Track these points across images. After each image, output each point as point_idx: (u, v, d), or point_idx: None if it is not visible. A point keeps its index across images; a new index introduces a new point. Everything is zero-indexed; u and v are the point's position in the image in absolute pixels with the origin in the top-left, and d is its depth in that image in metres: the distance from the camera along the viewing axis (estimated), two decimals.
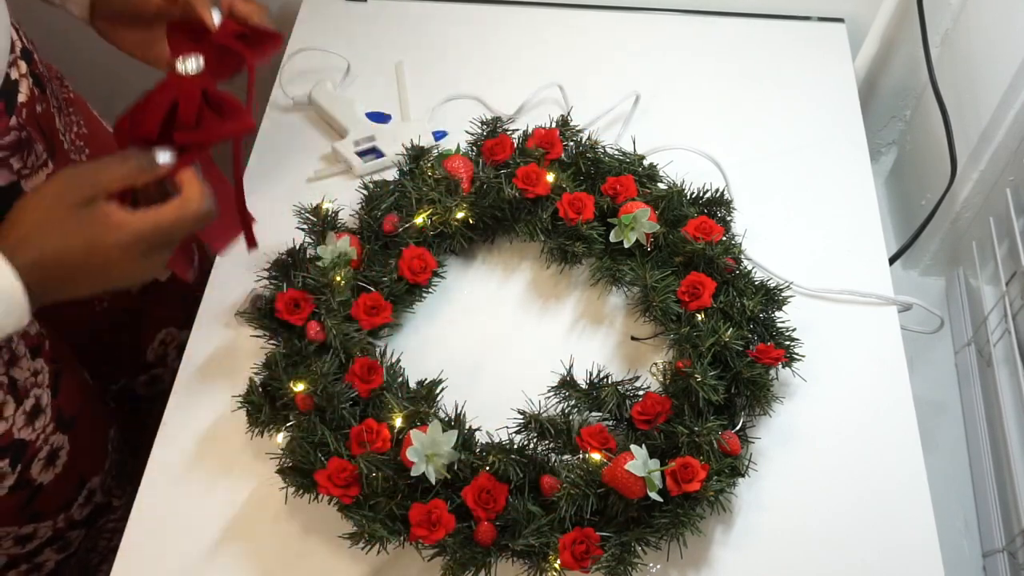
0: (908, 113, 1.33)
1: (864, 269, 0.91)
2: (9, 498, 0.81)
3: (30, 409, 0.80)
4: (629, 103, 1.02)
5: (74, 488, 0.90)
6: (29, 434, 0.80)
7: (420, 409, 0.75)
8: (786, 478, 0.78)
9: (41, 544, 0.90)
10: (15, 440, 0.79)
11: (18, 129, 0.71)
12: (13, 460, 0.80)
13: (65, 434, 0.85)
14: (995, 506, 1.00)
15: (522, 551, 0.70)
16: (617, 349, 0.86)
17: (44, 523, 0.88)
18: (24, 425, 0.80)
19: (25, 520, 0.85)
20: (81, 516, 0.92)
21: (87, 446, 0.90)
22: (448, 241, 0.88)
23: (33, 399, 0.81)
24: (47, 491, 0.85)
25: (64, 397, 0.85)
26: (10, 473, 0.80)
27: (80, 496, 0.91)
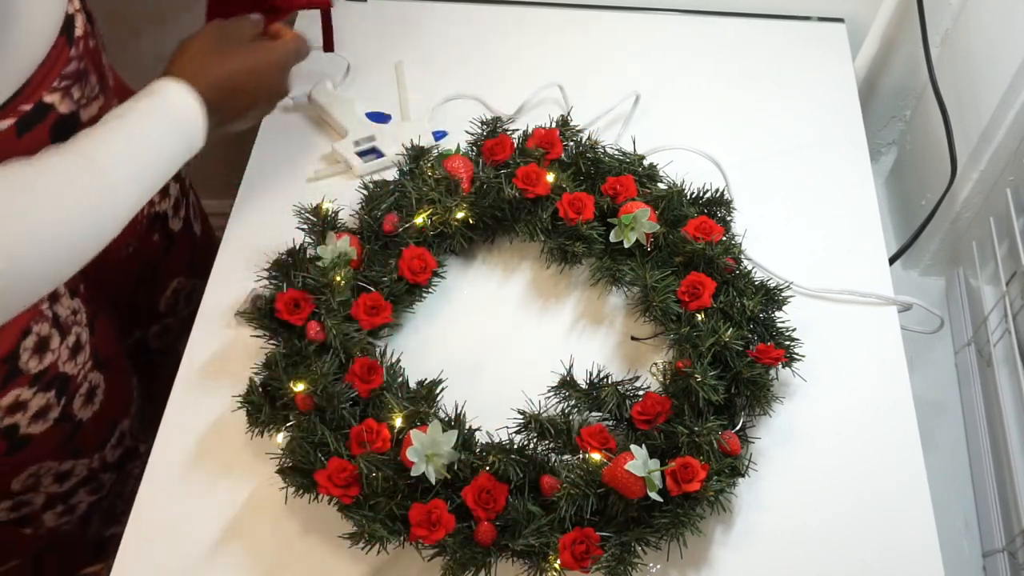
0: (908, 113, 1.33)
1: (864, 269, 0.91)
2: (53, 431, 0.85)
3: (72, 345, 0.84)
4: (629, 103, 1.02)
5: (108, 428, 0.94)
6: (72, 368, 0.85)
7: (420, 409, 0.75)
8: (786, 478, 0.78)
9: (77, 484, 0.94)
10: (60, 373, 0.83)
11: (77, 60, 0.75)
12: (58, 392, 0.84)
13: (101, 373, 0.90)
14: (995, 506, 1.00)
15: (522, 551, 0.70)
16: (617, 349, 0.86)
17: (81, 460, 0.92)
18: (67, 359, 0.84)
19: (66, 456, 0.90)
20: (113, 458, 0.96)
21: (119, 388, 0.95)
22: (448, 241, 0.88)
23: (75, 335, 0.85)
24: (86, 428, 0.90)
25: (99, 338, 0.90)
26: (55, 405, 0.84)
27: (113, 437, 0.96)
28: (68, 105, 0.75)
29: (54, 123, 0.73)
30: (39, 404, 0.82)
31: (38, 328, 0.80)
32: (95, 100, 0.79)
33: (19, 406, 0.80)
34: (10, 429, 0.81)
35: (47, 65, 0.71)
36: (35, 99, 0.71)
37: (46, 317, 0.81)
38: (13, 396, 0.79)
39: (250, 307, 0.84)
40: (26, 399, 0.81)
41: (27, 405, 0.81)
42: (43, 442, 0.85)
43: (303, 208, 0.87)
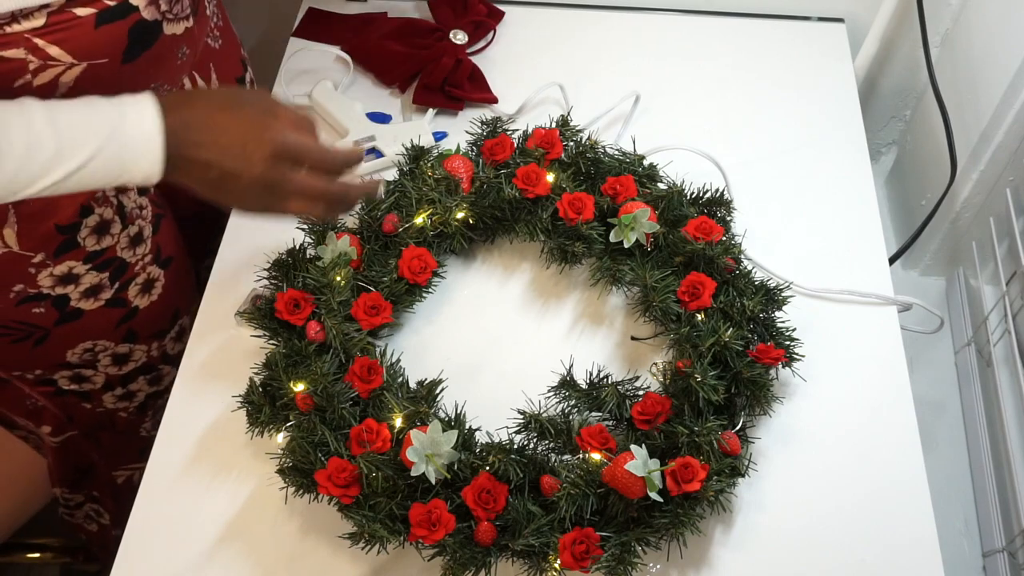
0: (908, 113, 1.33)
1: (864, 269, 0.91)
2: (106, 311, 0.89)
3: (133, 235, 0.88)
4: (629, 103, 1.02)
5: (168, 319, 0.98)
6: (130, 256, 0.89)
7: (420, 409, 0.75)
8: (786, 478, 0.78)
9: (135, 370, 0.99)
10: (117, 258, 0.87)
11: None
12: (112, 276, 0.88)
13: (162, 269, 0.94)
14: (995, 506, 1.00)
15: (522, 551, 0.70)
16: (617, 349, 0.86)
17: (139, 346, 0.97)
18: (127, 247, 0.88)
19: (121, 338, 0.94)
20: (173, 351, 0.99)
21: (179, 285, 0.97)
22: (448, 241, 0.88)
23: (137, 227, 0.88)
24: (142, 315, 0.93)
25: (163, 237, 0.93)
26: (108, 287, 0.88)
27: (172, 329, 0.99)
28: (152, 12, 0.75)
29: (134, 24, 0.73)
30: (91, 281, 0.86)
31: (101, 211, 0.83)
32: (183, 19, 0.79)
33: (71, 278, 0.84)
34: (61, 299, 0.85)
35: None
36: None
37: (111, 203, 0.84)
38: (67, 267, 0.83)
39: (250, 307, 0.84)
40: (79, 273, 0.84)
41: (79, 279, 0.85)
42: (95, 319, 0.89)
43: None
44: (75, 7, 0.69)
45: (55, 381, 0.95)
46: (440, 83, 1.02)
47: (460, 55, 1.03)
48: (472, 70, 1.04)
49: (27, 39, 0.68)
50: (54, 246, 0.81)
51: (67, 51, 0.70)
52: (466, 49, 1.06)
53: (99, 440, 1.08)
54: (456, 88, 1.02)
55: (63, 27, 0.69)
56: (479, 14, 1.08)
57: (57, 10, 0.68)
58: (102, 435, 1.07)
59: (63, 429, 1.06)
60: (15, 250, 0.79)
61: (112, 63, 0.73)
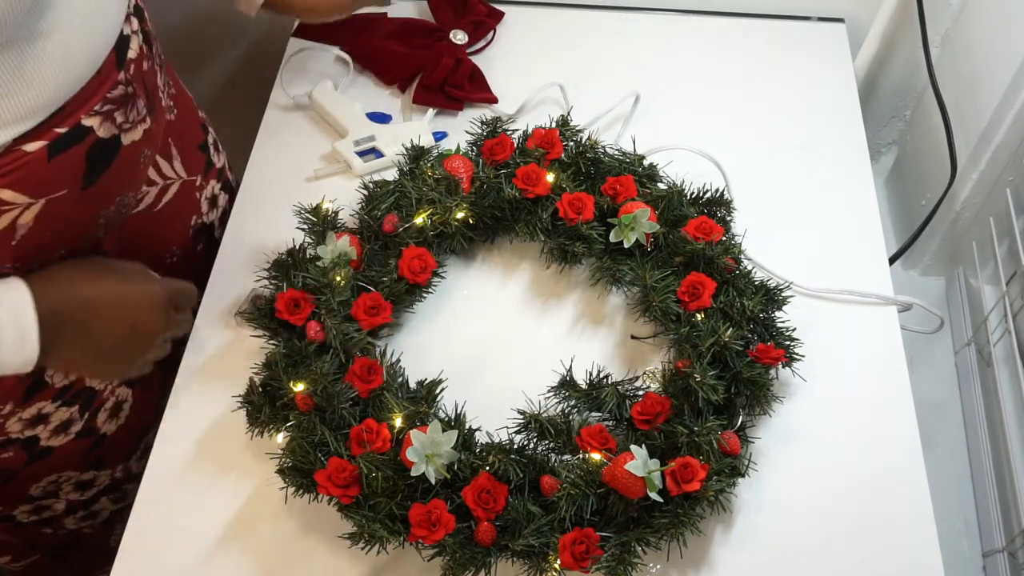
0: (908, 113, 1.33)
1: (864, 269, 0.91)
2: (74, 444, 0.85)
3: None
4: (629, 103, 1.02)
5: (134, 441, 0.94)
6: (99, 384, 0.85)
7: (420, 409, 0.75)
8: (786, 478, 0.78)
9: (99, 492, 0.94)
10: (85, 388, 0.83)
11: (125, 84, 0.72)
12: (83, 407, 0.84)
13: (130, 388, 0.90)
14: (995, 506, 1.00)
15: (522, 551, 0.70)
16: (617, 349, 0.86)
17: (104, 471, 0.92)
18: None
19: (87, 466, 0.90)
20: (138, 469, 0.96)
21: (147, 401, 0.94)
22: (448, 241, 0.88)
23: None
24: (110, 441, 0.89)
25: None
26: (78, 419, 0.84)
27: (138, 449, 0.95)
28: (109, 129, 0.71)
29: (91, 147, 0.69)
30: (61, 418, 0.81)
31: None
32: (140, 123, 0.76)
33: (41, 419, 0.80)
34: (30, 441, 0.81)
35: (89, 89, 0.68)
36: (72, 122, 0.67)
37: None
38: (36, 408, 0.79)
39: (250, 307, 0.84)
40: (48, 412, 0.80)
41: (49, 418, 0.80)
42: (64, 454, 0.85)
43: (303, 208, 0.87)
44: (23, 144, 0.64)
45: (12, 516, 0.90)
46: (440, 83, 1.02)
47: (460, 55, 1.03)
48: (472, 70, 1.04)
49: None
50: (22, 392, 0.77)
51: (22, 192, 0.65)
52: (466, 49, 1.06)
53: (64, 558, 1.03)
54: (456, 88, 1.02)
55: (13, 167, 0.63)
56: (479, 14, 1.08)
57: (3, 152, 0.63)
58: (68, 553, 1.01)
59: (24, 556, 1.00)
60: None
61: (72, 192, 0.69)
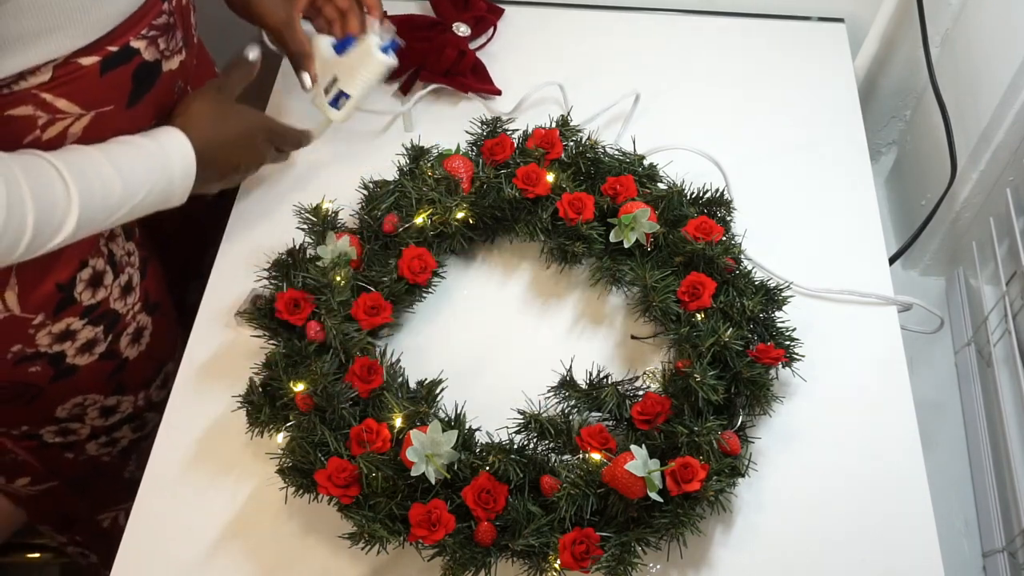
0: (908, 113, 1.33)
1: (864, 269, 0.91)
2: (99, 365, 0.90)
3: (124, 284, 0.89)
4: (629, 102, 1.02)
5: (153, 369, 0.99)
6: (122, 307, 0.90)
7: (420, 409, 0.75)
8: (786, 478, 0.78)
9: (121, 420, 0.99)
10: (111, 310, 0.88)
11: (168, 14, 0.78)
12: (106, 329, 0.89)
13: (150, 316, 0.95)
14: (995, 506, 1.00)
15: (522, 551, 0.70)
16: (617, 349, 0.86)
17: (127, 397, 0.97)
18: (119, 298, 0.89)
19: (111, 391, 0.95)
20: (158, 398, 1.00)
21: (165, 332, 0.99)
22: (448, 241, 0.88)
23: (127, 276, 0.90)
24: (131, 366, 0.94)
25: (150, 282, 0.94)
26: (102, 340, 0.89)
27: (158, 378, 1.00)
28: (153, 53, 0.77)
29: (137, 67, 0.76)
30: (87, 336, 0.87)
31: (94, 262, 0.84)
32: (177, 54, 0.82)
33: (68, 335, 0.85)
34: (57, 357, 0.85)
35: (139, 14, 0.74)
36: (122, 42, 0.73)
37: (102, 253, 0.85)
38: (65, 324, 0.84)
39: (250, 307, 0.84)
40: (76, 329, 0.85)
41: (76, 335, 0.85)
42: (88, 374, 0.89)
43: (303, 208, 0.87)
44: (79, 57, 0.70)
45: (40, 436, 0.95)
46: (443, 72, 1.02)
47: (463, 47, 1.03)
48: (475, 62, 1.04)
49: (34, 95, 0.68)
50: (53, 305, 0.82)
51: (75, 103, 0.71)
52: (468, 42, 1.06)
53: (82, 487, 1.07)
54: (458, 78, 1.03)
55: (69, 79, 0.70)
56: (479, 10, 1.09)
57: (62, 63, 0.69)
58: (85, 482, 1.06)
59: (43, 480, 1.05)
60: (16, 313, 0.80)
61: (117, 109, 0.75)
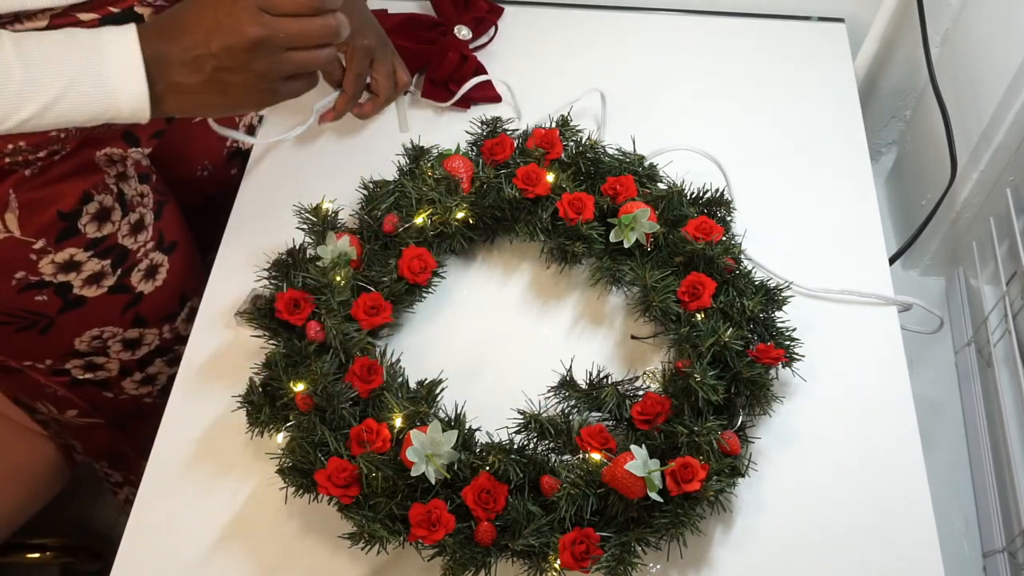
0: (908, 113, 1.33)
1: (864, 269, 0.91)
2: (109, 298, 0.89)
3: (134, 222, 0.88)
4: (629, 102, 1.02)
5: (176, 303, 0.98)
6: (131, 243, 0.89)
7: (420, 409, 0.75)
8: (786, 478, 0.78)
9: (150, 353, 0.98)
10: (118, 245, 0.87)
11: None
12: (114, 263, 0.88)
13: (165, 254, 0.93)
14: (995, 506, 1.00)
15: (522, 551, 0.70)
16: (617, 349, 0.86)
17: (150, 330, 0.96)
18: (128, 234, 0.88)
19: (129, 323, 0.93)
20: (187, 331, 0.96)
21: (187, 268, 0.97)
22: (448, 241, 0.88)
23: (138, 215, 0.88)
24: (148, 300, 0.93)
25: (166, 223, 0.93)
26: (110, 274, 0.88)
27: (183, 311, 0.99)
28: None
29: None
30: (93, 268, 0.86)
31: (100, 198, 0.83)
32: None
33: (73, 266, 0.84)
34: (63, 287, 0.85)
35: None
36: (125, 5, 0.72)
37: (111, 190, 0.85)
38: (68, 254, 0.83)
39: (250, 307, 0.84)
40: (80, 260, 0.84)
41: (81, 267, 0.85)
42: (99, 306, 0.89)
43: (303, 208, 0.87)
44: (79, 12, 0.69)
45: (68, 371, 0.95)
46: (446, 78, 1.02)
47: (464, 51, 1.03)
48: (476, 67, 1.04)
49: None
50: (55, 233, 0.82)
51: None
52: (469, 45, 1.06)
53: (127, 429, 1.08)
54: (461, 84, 1.02)
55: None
56: (480, 11, 1.09)
57: (60, 14, 0.68)
58: (130, 424, 1.07)
59: (89, 416, 1.05)
60: (16, 235, 0.80)
61: None
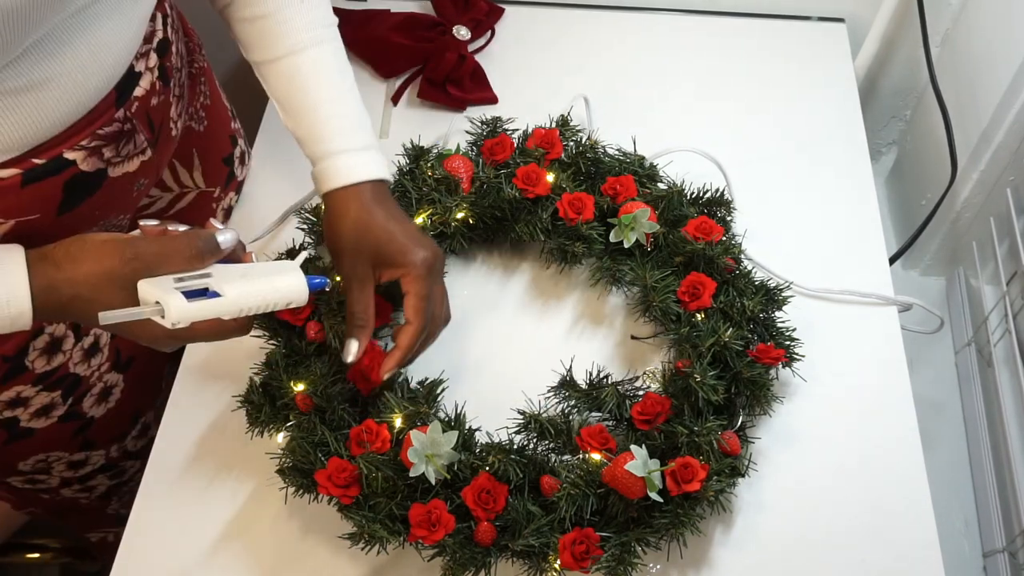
0: (908, 113, 1.33)
1: (864, 269, 0.91)
2: (59, 426, 0.83)
3: (88, 347, 0.81)
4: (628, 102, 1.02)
5: (128, 422, 0.92)
6: (84, 370, 0.82)
7: (420, 409, 0.75)
8: (786, 478, 0.78)
9: (94, 471, 0.92)
10: (70, 374, 0.80)
11: (122, 121, 0.70)
12: (65, 393, 0.81)
13: (121, 373, 0.87)
14: (995, 506, 1.00)
15: (522, 551, 0.70)
16: (617, 349, 0.86)
17: (97, 451, 0.90)
18: (80, 361, 0.81)
19: (77, 448, 0.88)
20: (135, 448, 0.94)
21: (142, 384, 0.91)
22: (448, 241, 0.88)
23: (92, 337, 0.82)
24: (99, 423, 0.87)
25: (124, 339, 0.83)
26: (61, 404, 0.82)
27: (134, 430, 0.93)
28: (94, 163, 0.69)
29: (71, 177, 0.67)
30: (42, 402, 0.80)
31: (52, 329, 0.77)
32: (137, 155, 0.73)
33: (19, 402, 0.78)
34: (9, 421, 0.79)
35: (79, 125, 0.66)
36: (52, 154, 0.65)
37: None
38: (14, 392, 0.77)
39: None
40: (27, 396, 0.78)
41: (28, 402, 0.79)
42: (48, 435, 0.83)
43: (303, 208, 0.87)
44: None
45: (7, 483, 0.90)
46: (443, 78, 1.02)
47: (463, 51, 1.03)
48: (474, 68, 1.04)
49: None
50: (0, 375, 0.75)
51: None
52: (467, 46, 1.06)
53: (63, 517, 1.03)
54: (458, 84, 1.02)
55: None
56: (480, 11, 1.09)
57: None
58: (66, 514, 1.02)
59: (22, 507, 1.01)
60: None
61: (45, 217, 0.67)
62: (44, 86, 0.61)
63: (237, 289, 0.64)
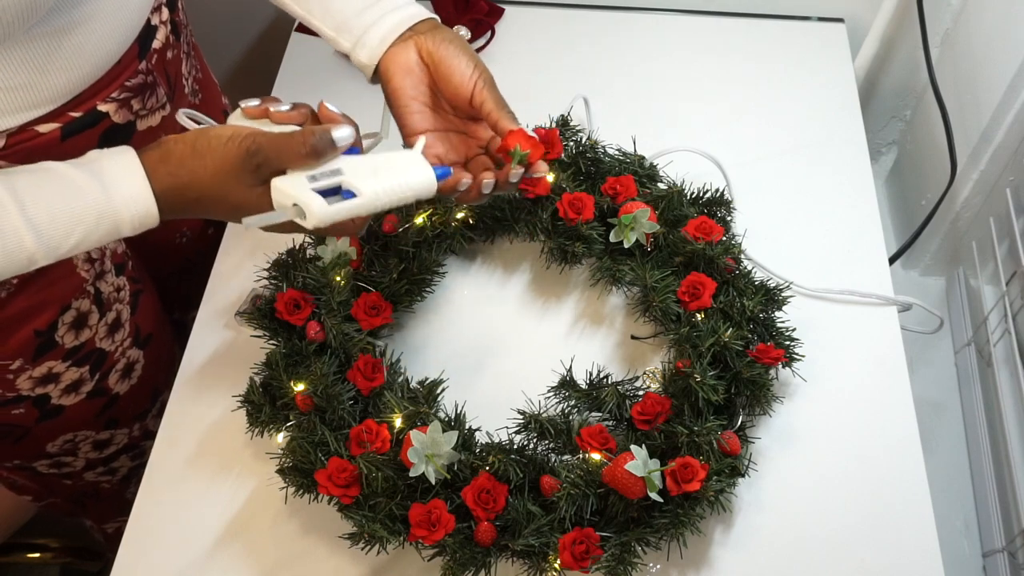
0: (908, 113, 1.33)
1: (864, 269, 0.91)
2: (87, 403, 0.87)
3: (111, 322, 0.85)
4: (628, 102, 1.02)
5: (148, 399, 0.95)
6: (109, 345, 0.85)
7: (420, 409, 0.75)
8: (786, 478, 0.78)
9: (117, 451, 0.96)
10: (96, 349, 0.84)
11: (145, 73, 0.74)
12: (93, 368, 0.85)
13: (141, 350, 0.91)
14: (995, 506, 1.00)
15: (522, 551, 0.70)
16: (617, 349, 0.86)
17: (121, 430, 0.94)
18: (105, 336, 0.84)
19: (102, 426, 0.91)
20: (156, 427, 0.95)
21: (160, 361, 0.95)
22: (448, 241, 0.88)
23: (115, 312, 0.85)
24: (123, 400, 0.91)
25: (142, 315, 0.90)
26: (89, 380, 0.85)
27: (154, 408, 0.97)
28: (124, 115, 0.73)
29: (106, 130, 0.72)
30: (72, 377, 0.83)
31: (78, 304, 0.80)
32: (159, 110, 0.78)
33: (51, 378, 0.82)
34: (41, 399, 0.82)
35: (108, 77, 0.70)
36: (88, 107, 0.70)
37: (88, 294, 0.81)
38: (46, 367, 0.80)
39: (250, 307, 0.84)
40: (59, 372, 0.82)
41: (59, 378, 0.82)
42: (76, 413, 0.87)
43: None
44: (37, 125, 0.67)
45: (33, 468, 0.94)
46: None
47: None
48: None
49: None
50: (32, 350, 0.78)
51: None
52: None
53: (83, 505, 1.06)
54: None
55: (26, 144, 0.66)
56: (480, 12, 1.08)
57: (16, 131, 0.65)
58: (86, 502, 1.05)
59: (43, 497, 1.04)
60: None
61: None
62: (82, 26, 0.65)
63: (372, 187, 0.63)
